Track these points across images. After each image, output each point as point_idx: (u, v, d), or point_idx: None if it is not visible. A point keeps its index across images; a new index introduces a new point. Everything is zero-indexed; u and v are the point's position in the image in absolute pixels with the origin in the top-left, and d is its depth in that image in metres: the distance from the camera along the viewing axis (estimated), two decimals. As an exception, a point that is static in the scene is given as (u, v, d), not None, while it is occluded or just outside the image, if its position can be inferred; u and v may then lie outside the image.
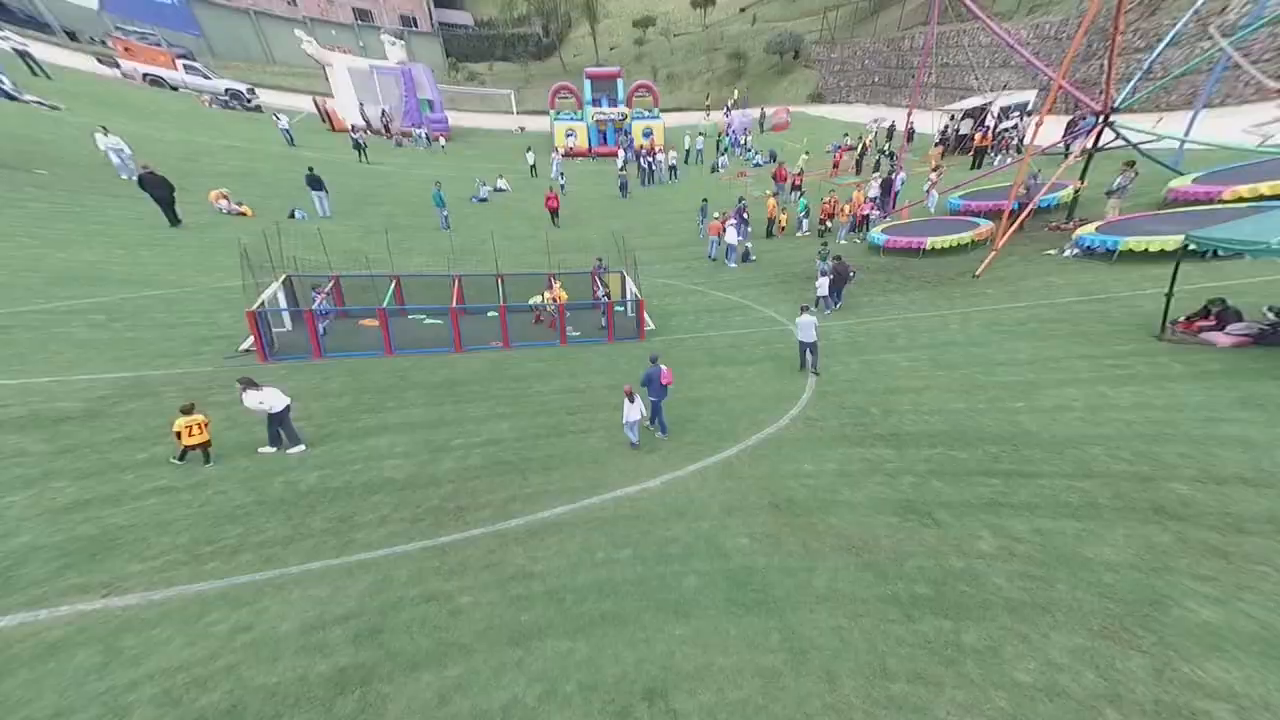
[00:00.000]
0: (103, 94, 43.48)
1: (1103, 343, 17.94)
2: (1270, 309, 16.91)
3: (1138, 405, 15.07)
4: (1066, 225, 24.76)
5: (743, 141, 51.28)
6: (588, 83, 51.76)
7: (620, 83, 53.04)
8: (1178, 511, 11.78)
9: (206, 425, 13.61)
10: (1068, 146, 26.24)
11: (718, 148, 49.62)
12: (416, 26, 70.72)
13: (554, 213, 34.82)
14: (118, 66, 48.71)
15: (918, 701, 8.99)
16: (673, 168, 45.43)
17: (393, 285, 23.23)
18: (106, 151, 29.42)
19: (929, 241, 25.78)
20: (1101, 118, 23.56)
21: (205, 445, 13.67)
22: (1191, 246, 16.97)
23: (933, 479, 13.63)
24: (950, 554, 11.57)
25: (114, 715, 8.56)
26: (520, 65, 72.17)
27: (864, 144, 41.33)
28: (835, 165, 40.45)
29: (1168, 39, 26.28)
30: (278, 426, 14.26)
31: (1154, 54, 26.44)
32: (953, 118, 38.75)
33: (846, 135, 45.42)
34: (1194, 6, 26.08)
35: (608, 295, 22.36)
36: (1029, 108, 36.86)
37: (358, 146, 40.97)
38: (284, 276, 21.45)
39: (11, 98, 35.31)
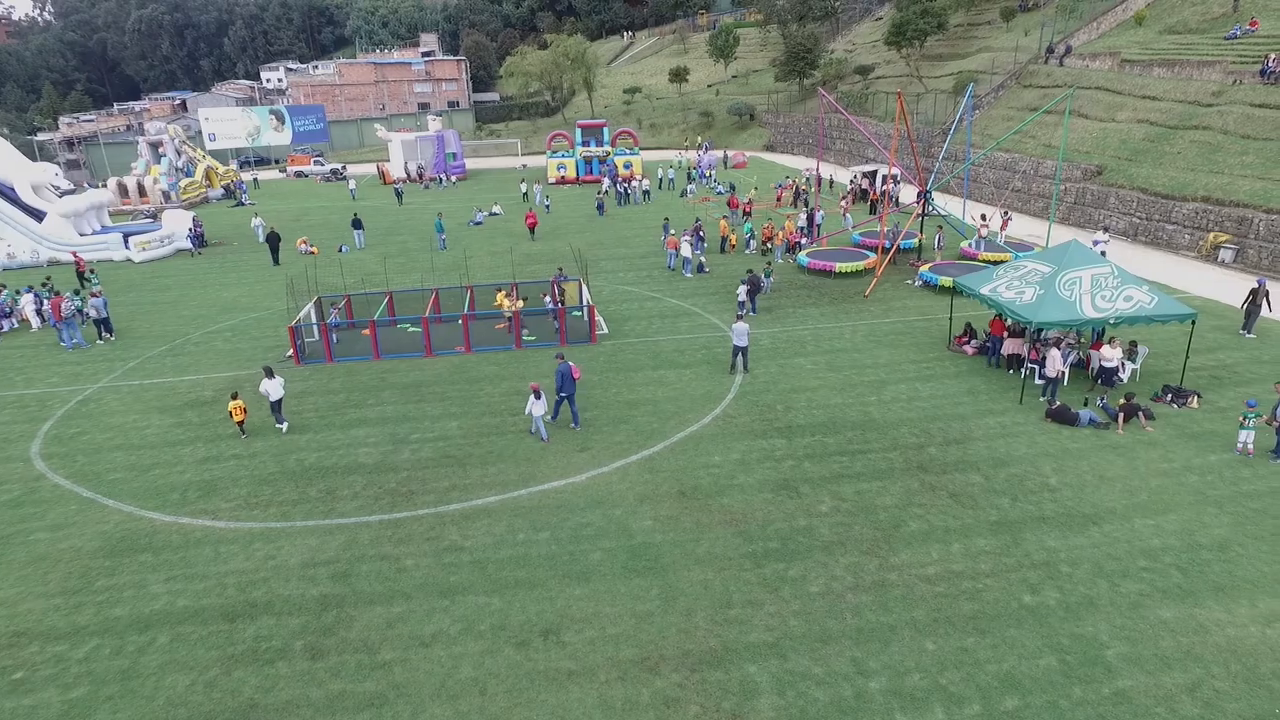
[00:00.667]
0: (273, 190, 63.29)
1: (923, 350, 21.91)
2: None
3: (930, 395, 18.91)
4: (916, 263, 30.58)
5: (708, 174, 54.45)
6: (579, 130, 60.61)
7: (606, 130, 59.09)
8: (928, 466, 15.65)
9: (244, 408, 17.95)
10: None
11: (688, 178, 52.89)
12: (459, 106, 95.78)
13: (532, 229, 37.58)
14: (284, 171, 71.45)
15: (745, 617, 11.38)
16: (646, 192, 48.05)
17: (386, 300, 25.57)
18: (255, 227, 40.64)
19: (838, 266, 29.06)
20: (921, 193, 30.85)
21: (242, 422, 17.97)
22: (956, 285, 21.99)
23: (806, 461, 15.91)
24: (800, 516, 13.91)
25: (214, 590, 12.51)
26: (530, 122, 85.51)
27: (797, 186, 45.04)
28: (778, 199, 43.90)
29: (944, 149, 34.34)
30: (275, 409, 18.09)
31: (939, 157, 30.44)
32: (854, 177, 44.35)
33: (788, 177, 48.83)
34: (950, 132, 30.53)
35: (563, 302, 24.34)
36: (898, 176, 42.14)
37: (398, 194, 51.24)
38: (316, 298, 24.18)
39: (240, 204, 54.56)
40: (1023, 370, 19.43)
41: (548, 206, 47.67)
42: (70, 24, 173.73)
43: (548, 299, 25.03)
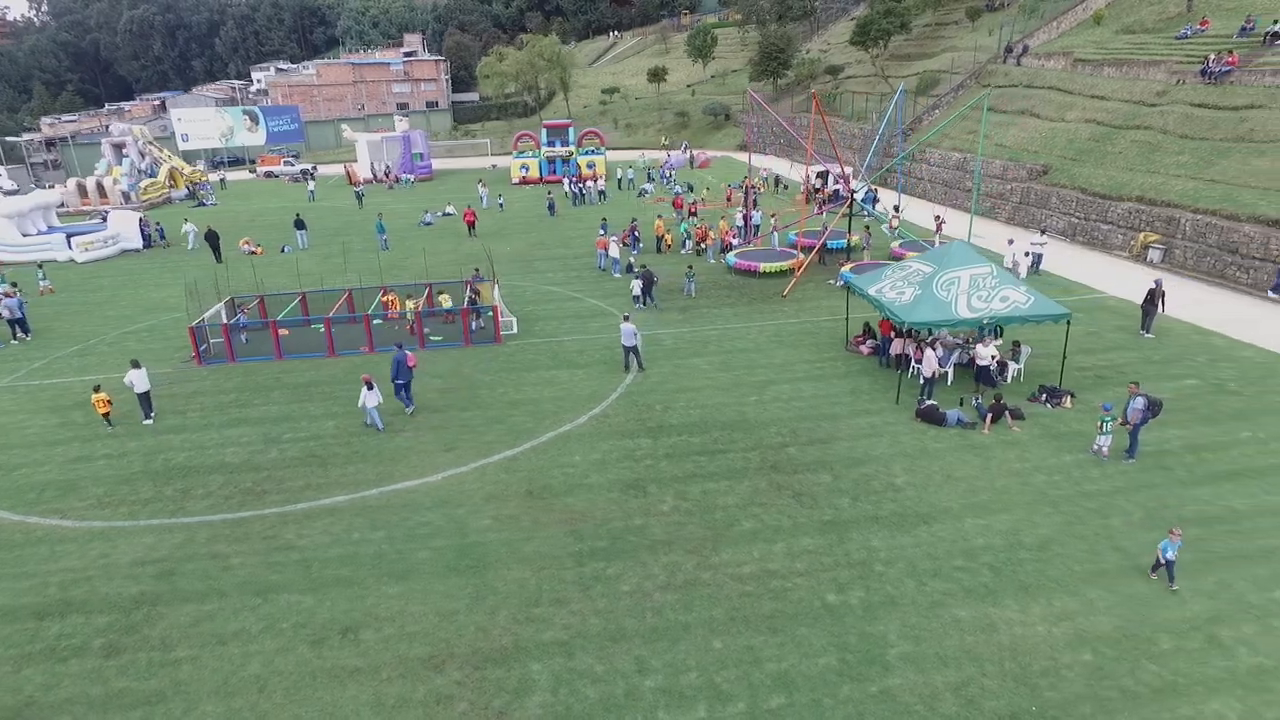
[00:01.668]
0: (240, 190, 63.62)
1: (821, 351, 21.81)
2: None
3: (811, 395, 18.93)
4: (844, 263, 29.84)
5: (668, 175, 54.51)
6: (544, 130, 60.57)
7: (571, 130, 59.54)
8: (782, 466, 15.57)
9: (109, 400, 18.54)
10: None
11: (648, 178, 52.99)
12: (438, 106, 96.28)
13: (470, 226, 37.91)
14: (254, 171, 72.36)
15: (547, 616, 11.51)
16: (601, 192, 48.15)
17: (298, 300, 25.72)
18: (186, 232, 40.25)
19: (762, 266, 29.03)
20: (849, 194, 31.11)
21: (107, 414, 18.43)
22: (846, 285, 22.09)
23: (664, 461, 15.98)
24: (638, 515, 13.98)
25: (36, 589, 12.73)
26: (507, 123, 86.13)
27: (747, 186, 45.11)
28: (728, 199, 43.92)
29: (870, 153, 37.65)
30: (143, 402, 18.77)
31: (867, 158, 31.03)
32: (809, 176, 44.41)
33: (747, 176, 48.47)
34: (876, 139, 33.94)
35: (472, 303, 24.42)
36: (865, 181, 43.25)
37: (358, 196, 50.64)
38: (227, 299, 24.31)
39: (203, 205, 54.67)
40: (909, 370, 19.47)
41: (501, 205, 47.91)
42: (64, 24, 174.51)
43: (446, 300, 25.13)
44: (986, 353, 18.25)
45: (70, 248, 36.77)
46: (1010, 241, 28.03)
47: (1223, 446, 15.66)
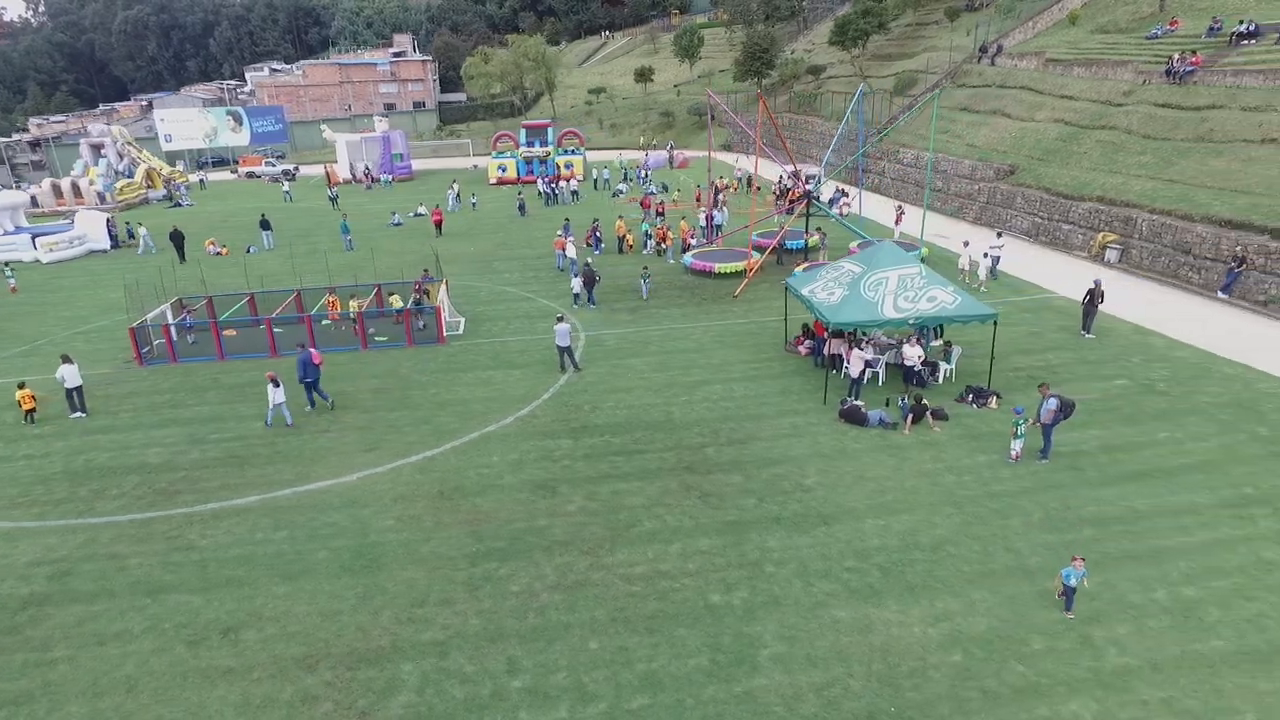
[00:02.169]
0: (219, 190, 64.00)
1: (760, 352, 21.74)
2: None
3: (742, 396, 18.93)
4: (801, 264, 29.94)
5: (644, 175, 54.45)
6: (523, 131, 61.04)
7: (550, 130, 60.00)
8: (697, 467, 15.57)
9: (33, 397, 18.90)
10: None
11: (624, 178, 53.02)
12: (425, 106, 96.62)
13: (438, 225, 38.76)
14: (236, 171, 72.35)
15: (429, 616, 11.56)
16: (575, 193, 48.17)
17: (246, 300, 25.78)
18: (143, 236, 39.72)
19: (717, 266, 28.95)
20: (807, 194, 31.36)
21: (32, 410, 18.87)
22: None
23: (580, 461, 16.01)
24: (542, 516, 14.00)
25: None
26: (493, 123, 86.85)
27: (716, 187, 45.31)
28: (697, 199, 43.90)
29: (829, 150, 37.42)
30: (73, 397, 19.11)
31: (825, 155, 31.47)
32: (781, 176, 44.31)
33: (722, 176, 48.76)
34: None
35: (418, 304, 24.45)
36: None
37: (332, 200, 50.46)
38: (175, 299, 24.52)
39: (178, 205, 55.01)
40: (842, 371, 19.47)
41: (474, 205, 48.05)
42: (59, 25, 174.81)
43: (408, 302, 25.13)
44: (913, 353, 18.25)
45: (35, 248, 36.85)
46: (965, 244, 27.95)
47: (1138, 447, 15.66)
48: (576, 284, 26.02)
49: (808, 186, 30.67)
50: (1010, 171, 38.09)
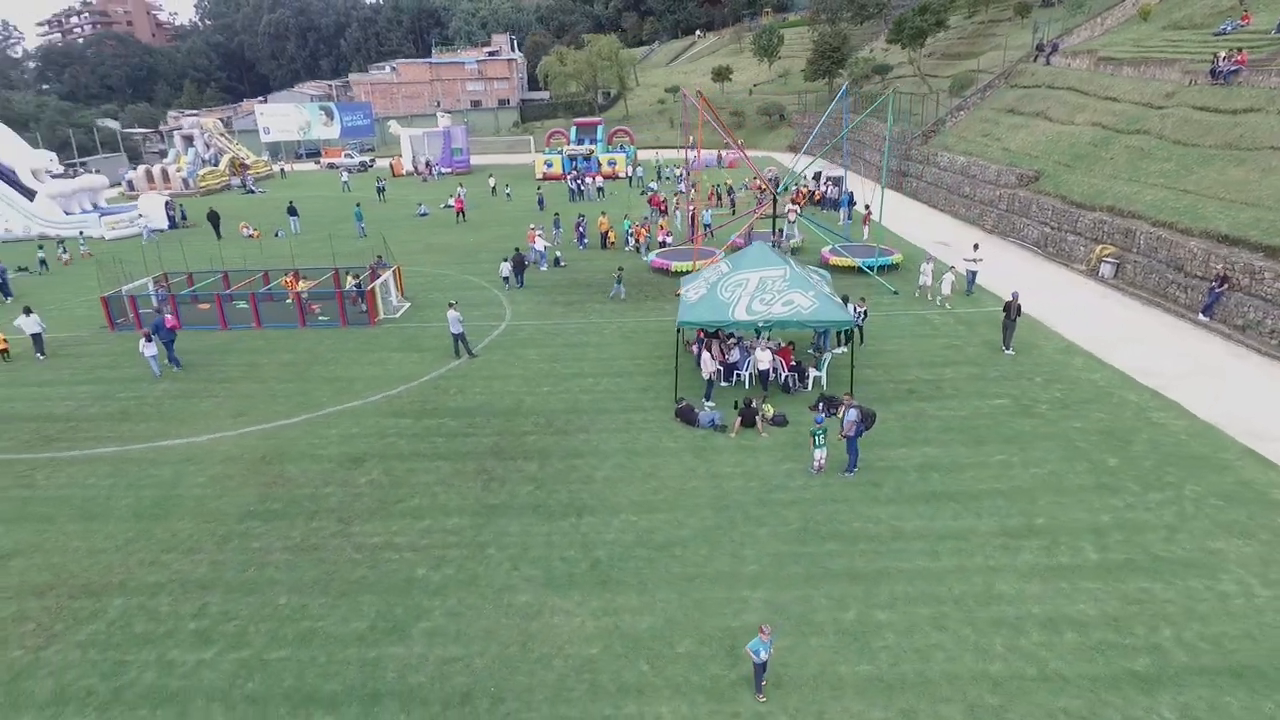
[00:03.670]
0: (296, 180, 68.89)
1: (657, 349, 21.47)
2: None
3: (605, 390, 19.37)
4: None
5: (683, 174, 54.40)
6: (574, 129, 63.02)
7: (600, 128, 60.52)
8: (504, 451, 16.34)
9: (4, 340, 22.96)
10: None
11: (657, 175, 53.50)
12: (509, 104, 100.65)
13: (460, 213, 42.19)
14: (318, 162, 78.64)
15: (169, 561, 12.74)
16: (600, 189, 49.16)
17: (221, 277, 28.30)
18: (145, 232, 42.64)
19: (674, 265, 28.96)
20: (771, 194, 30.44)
21: (4, 350, 22.85)
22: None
23: (405, 439, 16.93)
24: (334, 485, 15.13)
25: None
26: (568, 120, 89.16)
27: (725, 186, 45.16)
28: (710, 198, 43.78)
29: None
30: (36, 340, 22.71)
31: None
32: (804, 179, 44.19)
33: (755, 177, 47.91)
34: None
35: (357, 287, 26.03)
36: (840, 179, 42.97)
37: (379, 190, 53.13)
38: (162, 273, 27.34)
39: (251, 192, 59.68)
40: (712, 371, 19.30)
41: (509, 197, 50.34)
42: (216, 27, 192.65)
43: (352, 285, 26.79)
44: (765, 356, 17.93)
45: (101, 226, 41.57)
46: (928, 260, 26.40)
47: (960, 469, 14.84)
48: (505, 268, 27.51)
49: (775, 189, 30.02)
50: (1034, 178, 35.81)
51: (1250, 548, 12.05)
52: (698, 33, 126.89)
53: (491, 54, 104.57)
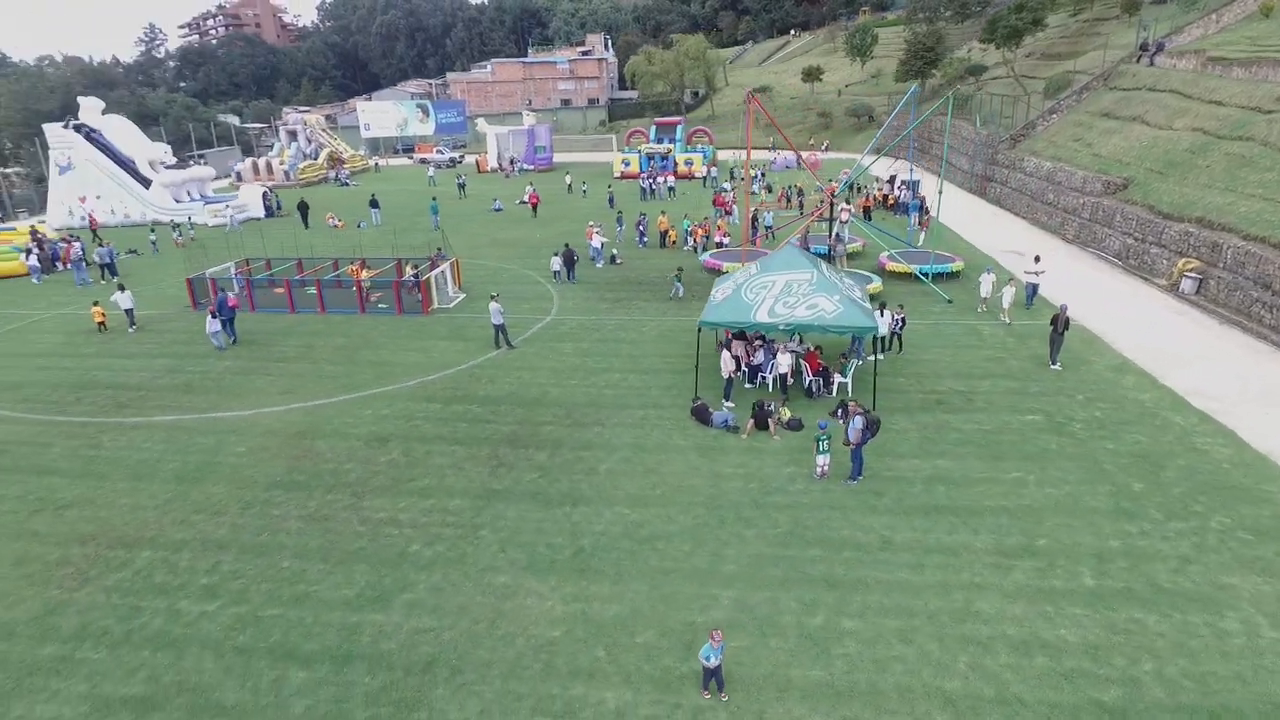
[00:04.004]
0: (388, 174, 72.43)
1: (690, 348, 20.15)
2: None
3: (628, 385, 19.75)
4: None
5: (761, 175, 54.18)
6: (654, 128, 64.10)
7: (680, 128, 61.04)
8: (519, 440, 16.91)
9: (103, 314, 25.28)
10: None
11: (730, 176, 53.29)
12: (598, 103, 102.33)
13: (534, 207, 44.26)
14: (412, 157, 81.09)
15: (198, 521, 13.97)
16: (671, 189, 49.63)
17: (295, 264, 30.24)
18: (231, 221, 44.64)
19: (725, 265, 28.92)
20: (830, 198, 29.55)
21: (102, 323, 25.23)
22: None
23: (431, 422, 17.82)
24: (355, 461, 16.11)
25: None
26: (652, 119, 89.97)
27: (795, 188, 44.71)
28: (781, 200, 43.44)
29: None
30: (129, 317, 25.25)
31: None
32: (879, 182, 42.95)
33: (831, 180, 47.57)
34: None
35: (414, 277, 27.28)
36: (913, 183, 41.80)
37: (460, 186, 55.08)
38: (244, 259, 29.87)
39: (344, 185, 62.61)
40: (740, 370, 19.37)
41: (585, 193, 51.74)
42: (334, 28, 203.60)
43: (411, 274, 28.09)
44: (785, 359, 17.85)
45: (204, 214, 44.97)
46: (989, 271, 25.18)
47: (970, 483, 14.42)
48: (556, 262, 28.42)
49: (833, 191, 29.55)
50: (1122, 186, 33.86)
51: (1269, 586, 11.26)
52: (793, 32, 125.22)
53: (584, 53, 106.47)
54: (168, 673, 10.35)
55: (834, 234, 28.92)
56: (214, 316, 22.67)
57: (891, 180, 44.05)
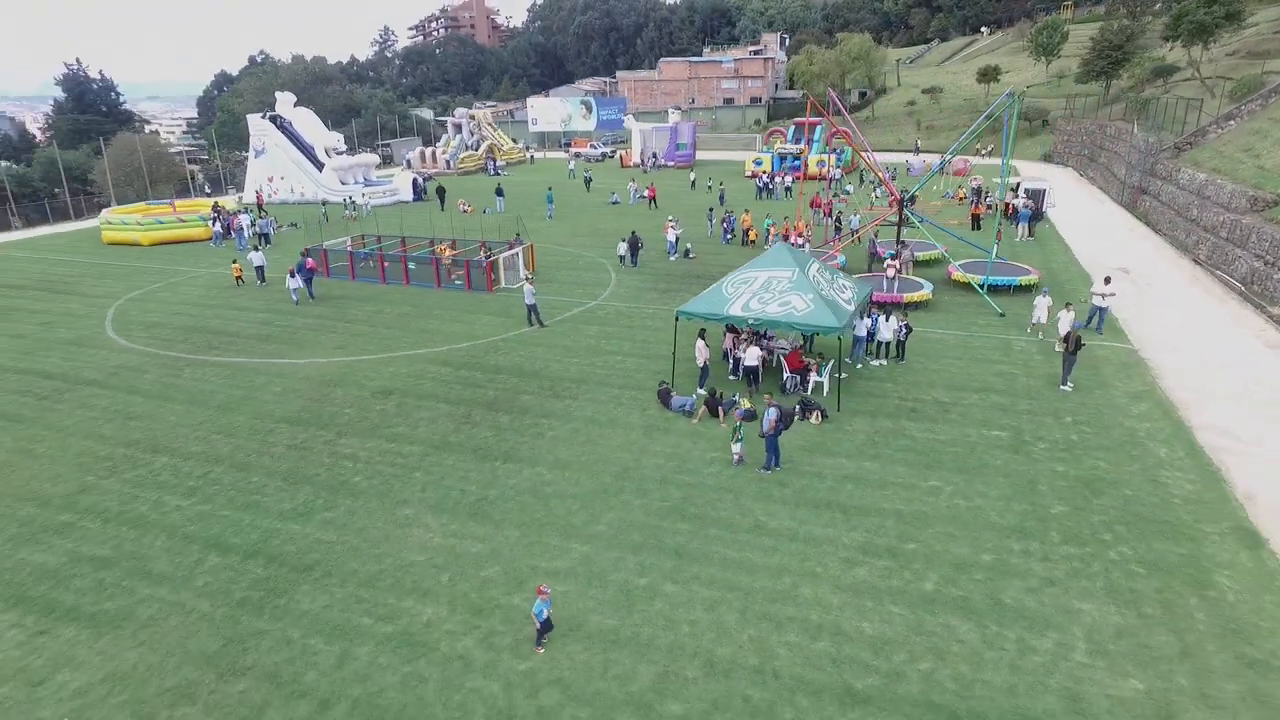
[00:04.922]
0: (541, 166, 77.61)
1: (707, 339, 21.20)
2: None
3: (622, 368, 21.11)
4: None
5: (892, 176, 52.58)
6: (792, 127, 64.41)
7: (820, 128, 60.74)
8: (498, 404, 19.13)
9: (240, 269, 30.47)
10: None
11: (862, 180, 52.48)
12: (760, 102, 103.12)
13: (653, 199, 46.94)
14: (567, 151, 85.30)
15: (213, 440, 17.23)
16: (788, 189, 49.51)
17: (399, 242, 34.28)
18: (365, 206, 49.59)
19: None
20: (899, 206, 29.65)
21: (239, 277, 30.04)
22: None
23: (432, 382, 20.28)
24: (355, 407, 18.84)
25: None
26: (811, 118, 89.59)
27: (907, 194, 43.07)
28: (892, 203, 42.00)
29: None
30: (259, 272, 30.09)
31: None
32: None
33: (960, 187, 45.73)
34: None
35: (486, 257, 30.07)
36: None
37: (586, 181, 58.11)
38: (360, 235, 34.48)
39: (497, 173, 68.58)
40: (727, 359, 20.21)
41: (709, 188, 53.23)
42: (538, 29, 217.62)
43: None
44: (753, 353, 18.44)
45: (362, 196, 51.29)
46: (1044, 292, 22.74)
47: (881, 486, 14.51)
48: (622, 247, 31.44)
49: (899, 200, 28.85)
50: (1273, 203, 30.04)
51: (1119, 617, 10.77)
52: (983, 30, 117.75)
53: (755, 53, 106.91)
54: (127, 544, 13.33)
55: (901, 241, 28.27)
56: (293, 275, 26.82)
57: (1016, 188, 41.44)
